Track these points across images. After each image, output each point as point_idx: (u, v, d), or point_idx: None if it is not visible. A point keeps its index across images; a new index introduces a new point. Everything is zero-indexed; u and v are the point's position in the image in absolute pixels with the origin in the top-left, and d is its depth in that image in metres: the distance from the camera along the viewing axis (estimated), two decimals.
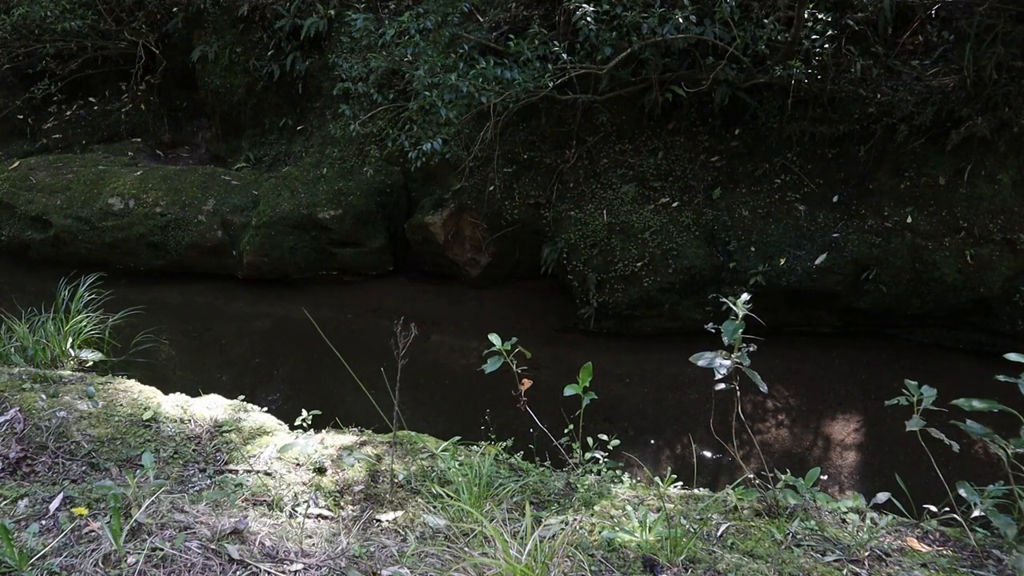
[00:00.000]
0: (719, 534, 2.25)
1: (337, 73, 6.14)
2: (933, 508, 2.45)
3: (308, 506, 2.35)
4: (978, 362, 4.93)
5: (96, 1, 7.65)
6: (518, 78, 5.05)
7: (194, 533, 2.10)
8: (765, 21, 4.94)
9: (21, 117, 8.20)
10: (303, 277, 6.38)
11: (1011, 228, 4.85)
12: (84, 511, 2.23)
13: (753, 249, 5.25)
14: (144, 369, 4.72)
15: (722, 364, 2.25)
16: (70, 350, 4.32)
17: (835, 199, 5.25)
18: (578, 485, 2.59)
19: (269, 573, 1.96)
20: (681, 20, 4.85)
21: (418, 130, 5.42)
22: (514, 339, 2.64)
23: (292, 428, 3.00)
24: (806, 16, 4.90)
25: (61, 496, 2.29)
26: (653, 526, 2.22)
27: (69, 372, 3.56)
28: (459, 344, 5.45)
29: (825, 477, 4.05)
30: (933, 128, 5.02)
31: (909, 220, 5.04)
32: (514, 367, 2.66)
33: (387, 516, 2.33)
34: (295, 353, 5.35)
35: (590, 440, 3.02)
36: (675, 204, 5.49)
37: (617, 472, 2.90)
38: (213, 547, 2.05)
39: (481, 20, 6.11)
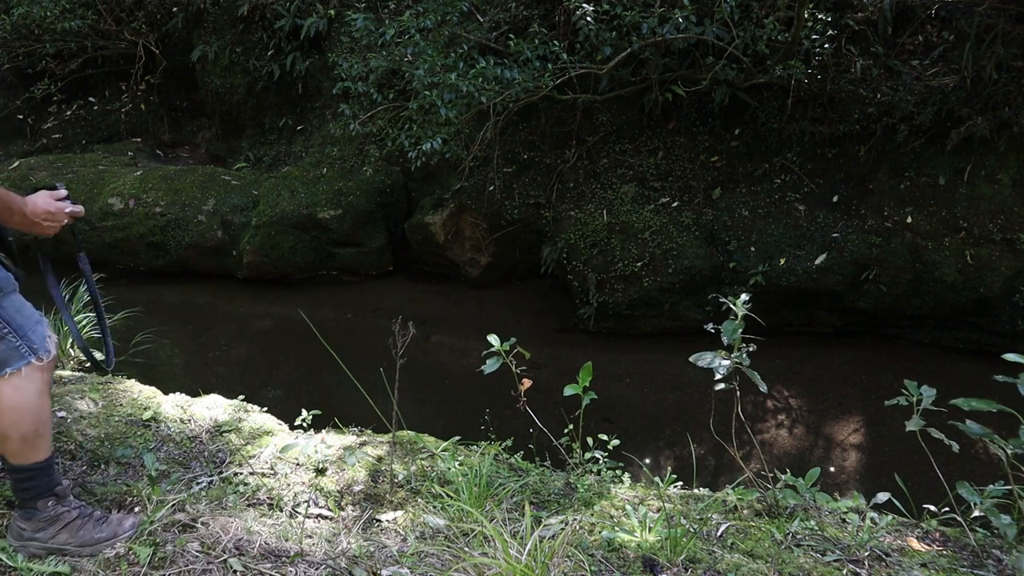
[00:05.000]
0: (719, 534, 2.25)
1: (337, 73, 6.15)
2: (933, 508, 2.46)
3: (308, 506, 2.35)
4: (978, 362, 4.93)
5: (96, 1, 7.65)
6: (518, 78, 5.05)
7: (195, 533, 2.10)
8: (765, 21, 4.94)
9: (21, 117, 8.21)
10: (303, 277, 6.39)
11: (1011, 228, 4.85)
12: None
13: (753, 249, 5.25)
14: (144, 369, 4.72)
15: (722, 364, 2.25)
16: (70, 350, 4.32)
17: (835, 199, 5.25)
18: (578, 485, 2.59)
19: (269, 573, 1.96)
20: (681, 20, 4.85)
21: (418, 130, 5.42)
22: (513, 339, 2.64)
23: (292, 428, 3.00)
24: (806, 16, 4.90)
25: None
26: (653, 526, 2.22)
27: (69, 372, 3.56)
28: (459, 344, 5.45)
29: (825, 477, 4.04)
30: (933, 128, 5.02)
31: (909, 220, 5.04)
32: (513, 367, 2.66)
33: (387, 516, 2.34)
34: (295, 353, 5.35)
35: (590, 440, 3.02)
36: (675, 204, 5.49)
37: (617, 472, 2.90)
38: (213, 547, 2.05)
39: (481, 20, 6.11)
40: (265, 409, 3.14)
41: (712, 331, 2.30)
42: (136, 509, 2.23)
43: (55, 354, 1.96)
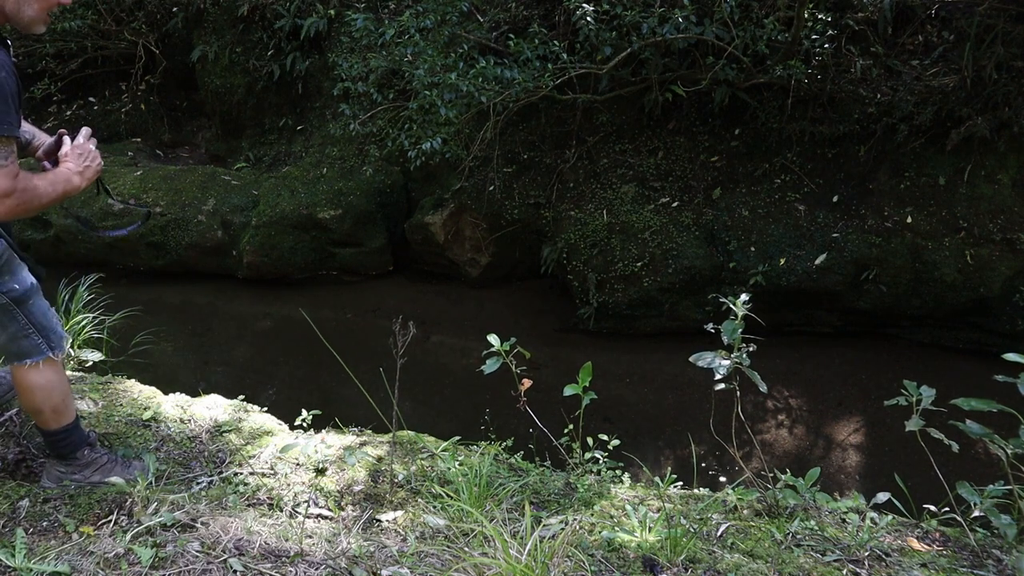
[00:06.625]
0: (719, 534, 2.25)
1: (337, 73, 6.15)
2: (933, 508, 2.46)
3: (308, 506, 2.35)
4: (978, 362, 4.93)
5: (96, 1, 7.65)
6: (518, 78, 5.05)
7: (195, 533, 2.10)
8: (765, 21, 4.94)
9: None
10: (303, 277, 6.39)
11: (1011, 228, 4.85)
12: (85, 511, 2.23)
13: (753, 249, 5.25)
14: (144, 369, 4.72)
15: (722, 364, 2.25)
16: (70, 350, 4.32)
17: (835, 199, 5.26)
18: (578, 485, 2.59)
19: (269, 573, 1.96)
20: (681, 20, 4.85)
21: (418, 129, 5.42)
22: (513, 339, 2.64)
23: (292, 428, 3.00)
24: (806, 16, 4.90)
25: (62, 497, 2.30)
26: (653, 526, 2.22)
27: (69, 372, 3.56)
28: (459, 344, 5.45)
29: (825, 477, 4.04)
30: (933, 128, 5.02)
31: (909, 220, 5.04)
32: (513, 367, 2.66)
33: (387, 516, 2.33)
34: (295, 353, 5.35)
35: (590, 440, 3.02)
36: (675, 204, 5.49)
37: (617, 472, 2.90)
38: (214, 547, 2.05)
39: (481, 19, 6.11)
40: (265, 409, 3.14)
41: (712, 331, 2.30)
42: (136, 508, 2.23)
43: (66, 349, 2.31)
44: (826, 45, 5.07)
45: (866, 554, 2.12)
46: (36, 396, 2.22)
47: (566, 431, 3.00)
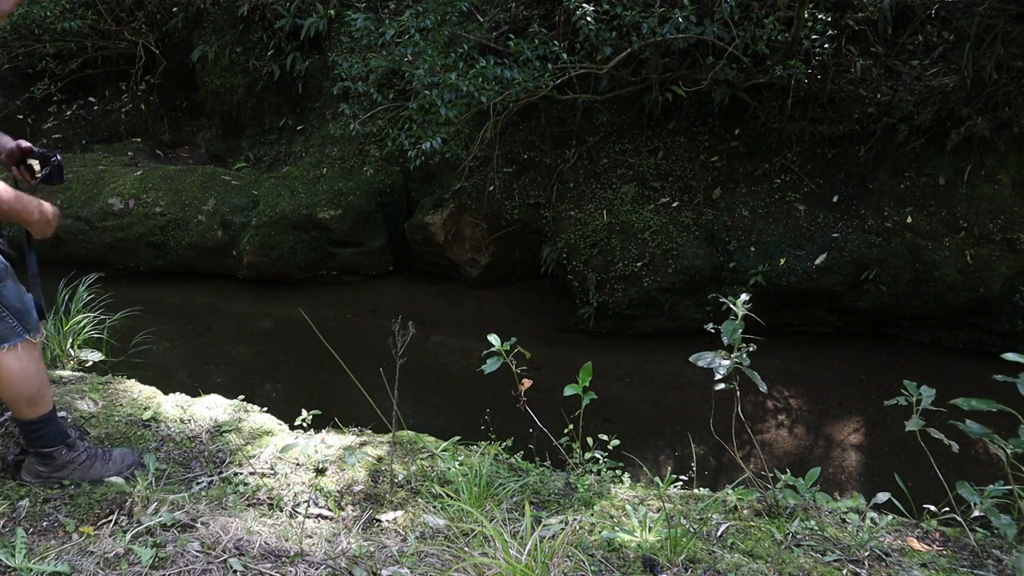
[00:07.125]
0: (719, 534, 2.25)
1: (337, 73, 6.15)
2: (933, 508, 2.46)
3: (308, 506, 2.35)
4: (978, 362, 4.93)
5: (96, 1, 7.65)
6: (518, 78, 5.05)
7: (195, 533, 2.10)
8: (765, 21, 4.95)
9: (21, 117, 8.21)
10: (303, 277, 6.39)
11: (1011, 228, 4.85)
12: (85, 511, 2.23)
13: (753, 249, 5.25)
14: (144, 369, 4.72)
15: (722, 364, 2.25)
16: (70, 350, 4.32)
17: (835, 199, 5.26)
18: (578, 485, 2.60)
19: (269, 573, 1.96)
20: (681, 20, 4.85)
21: (418, 129, 5.42)
22: (513, 339, 2.64)
23: (292, 428, 3.00)
24: (806, 16, 4.90)
25: (62, 496, 2.30)
26: (653, 526, 2.22)
27: (69, 372, 3.56)
28: (459, 344, 5.45)
29: (825, 477, 4.05)
30: (933, 128, 5.02)
31: (909, 220, 5.05)
32: (513, 367, 2.66)
33: (387, 516, 2.34)
34: (295, 353, 5.35)
35: (590, 440, 3.02)
36: (675, 204, 5.49)
37: (617, 472, 2.90)
38: (213, 547, 2.05)
39: (481, 20, 6.11)
40: (265, 409, 3.14)
41: (712, 331, 2.30)
42: (136, 508, 2.23)
43: (43, 334, 2.32)
44: (826, 45, 5.07)
45: (866, 554, 2.12)
46: (13, 382, 2.21)
47: (566, 431, 3.00)
